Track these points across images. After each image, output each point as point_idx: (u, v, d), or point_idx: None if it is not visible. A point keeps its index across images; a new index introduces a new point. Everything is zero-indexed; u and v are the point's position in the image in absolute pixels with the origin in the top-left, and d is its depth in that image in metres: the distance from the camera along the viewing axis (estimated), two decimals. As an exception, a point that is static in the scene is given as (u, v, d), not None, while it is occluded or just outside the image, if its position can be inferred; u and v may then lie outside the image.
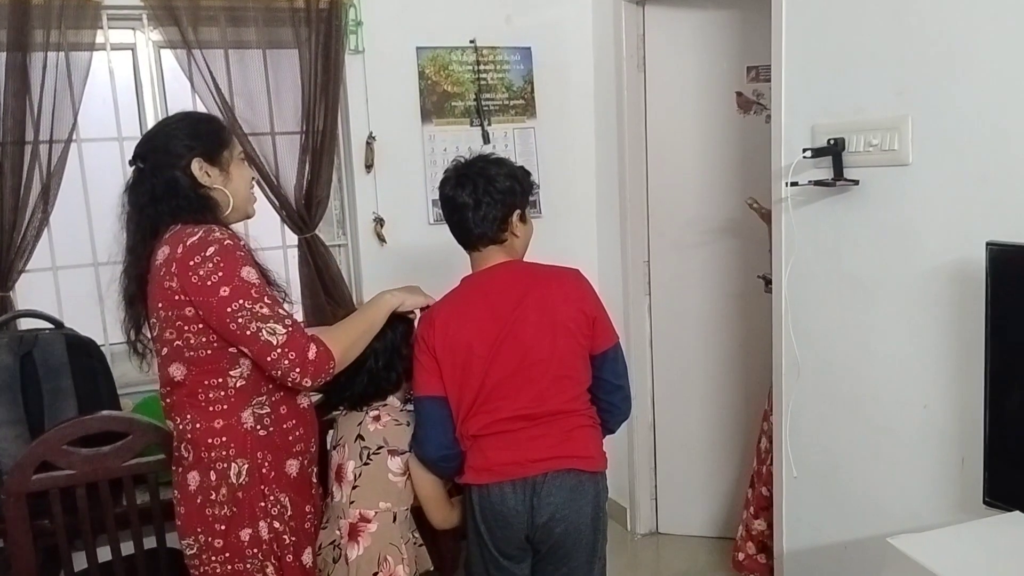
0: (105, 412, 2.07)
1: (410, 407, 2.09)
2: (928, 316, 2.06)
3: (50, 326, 2.41)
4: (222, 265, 1.65)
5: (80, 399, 2.29)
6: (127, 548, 2.13)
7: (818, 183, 2.24)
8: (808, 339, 2.41)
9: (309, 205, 2.99)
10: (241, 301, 1.65)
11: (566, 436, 1.94)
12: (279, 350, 1.67)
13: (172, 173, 1.74)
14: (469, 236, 1.99)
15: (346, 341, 1.81)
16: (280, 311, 1.71)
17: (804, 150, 2.23)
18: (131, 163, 1.81)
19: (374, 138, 3.09)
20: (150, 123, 2.90)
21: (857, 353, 2.27)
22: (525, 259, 2.10)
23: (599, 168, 3.51)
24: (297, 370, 1.69)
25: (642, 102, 3.30)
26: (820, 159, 2.26)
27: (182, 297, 1.67)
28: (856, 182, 2.19)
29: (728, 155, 3.25)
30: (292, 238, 3.09)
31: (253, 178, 1.93)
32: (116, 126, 2.84)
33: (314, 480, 1.95)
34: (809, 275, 2.39)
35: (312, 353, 1.70)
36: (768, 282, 2.81)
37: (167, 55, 2.89)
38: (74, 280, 2.85)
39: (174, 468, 1.82)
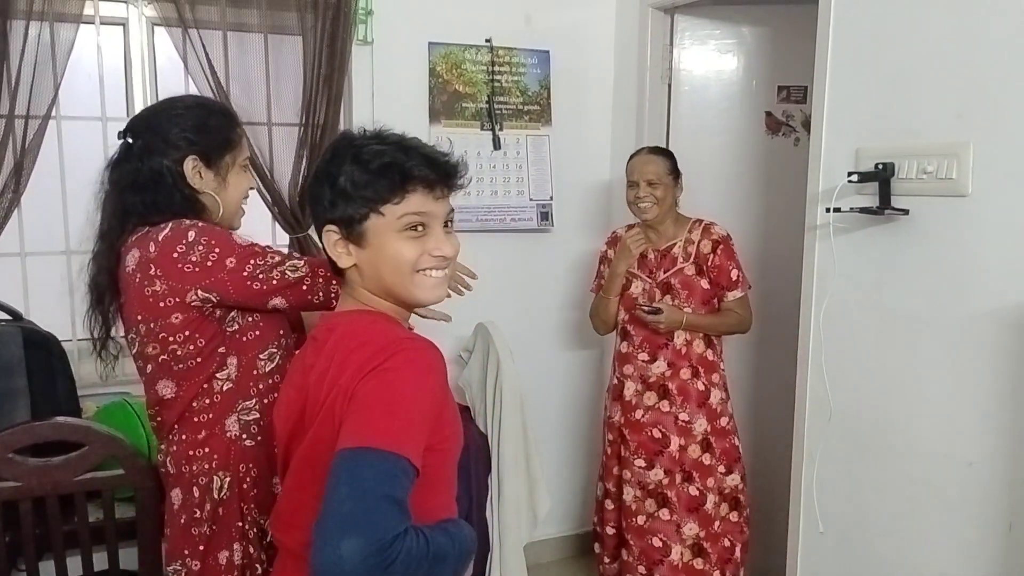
0: (59, 418, 1.86)
1: None
2: (979, 364, 1.88)
3: (7, 317, 2.19)
4: (213, 242, 1.55)
5: (35, 401, 2.08)
6: (75, 569, 1.92)
7: (863, 211, 2.05)
8: (839, 381, 2.21)
9: (304, 203, 2.80)
10: (252, 260, 1.57)
11: None
12: (310, 277, 1.60)
13: (161, 163, 1.59)
14: None
15: None
16: (284, 251, 1.65)
17: (849, 174, 2.04)
18: (120, 136, 1.64)
19: (378, 136, 2.90)
20: (138, 104, 2.71)
21: (895, 400, 2.08)
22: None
23: (614, 183, 3.32)
24: (334, 281, 1.58)
25: (665, 116, 3.12)
26: (863, 185, 2.08)
27: (169, 301, 1.54)
28: (906, 212, 2.00)
29: (753, 178, 3.09)
30: (283, 237, 2.89)
31: (252, 187, 1.76)
32: (101, 106, 2.64)
33: None
34: (844, 310, 2.19)
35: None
36: (648, 311, 2.57)
37: (161, 33, 2.69)
38: (44, 268, 2.63)
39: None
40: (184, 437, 1.62)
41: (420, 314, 1.94)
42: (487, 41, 3.06)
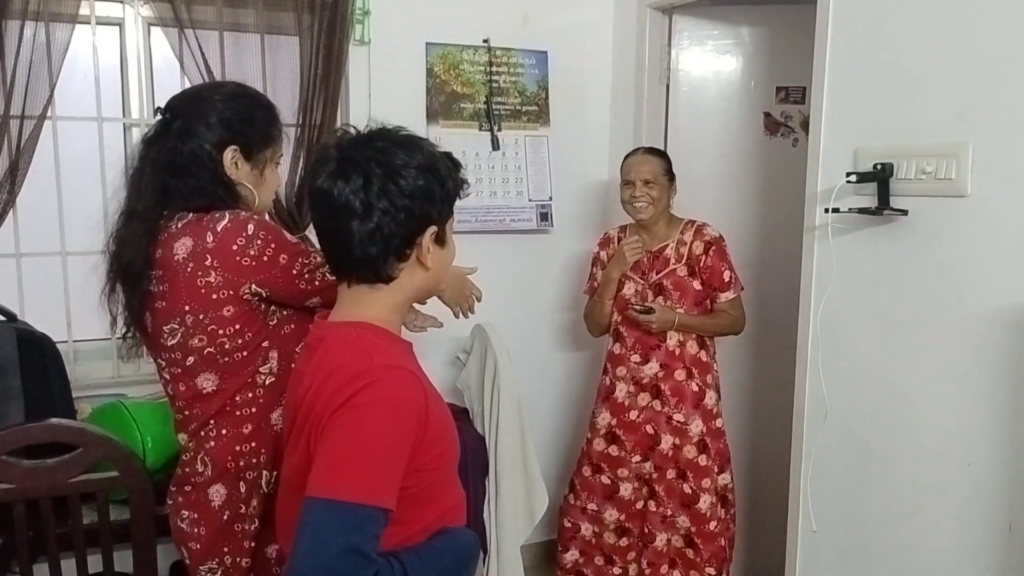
0: (54, 420, 1.85)
1: None
2: (977, 364, 1.87)
3: (1, 319, 2.18)
4: (270, 237, 1.56)
5: (28, 402, 2.07)
6: (69, 572, 1.90)
7: (861, 211, 2.05)
8: (837, 381, 2.20)
9: (301, 204, 2.78)
10: (300, 260, 1.60)
11: None
12: None
13: (201, 146, 1.56)
14: (344, 260, 1.25)
15: None
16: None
17: (848, 174, 2.04)
18: (159, 112, 1.61)
19: (375, 136, 2.88)
20: (134, 105, 2.71)
21: (893, 400, 2.07)
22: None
23: (612, 184, 3.31)
24: None
25: (663, 116, 3.11)
26: (861, 185, 2.08)
27: (223, 294, 1.53)
28: (904, 212, 1.99)
29: (752, 179, 3.07)
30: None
31: (280, 183, 1.81)
32: (97, 106, 2.62)
33: None
34: (842, 311, 2.18)
35: None
36: (641, 311, 2.58)
37: (157, 33, 2.68)
38: (39, 270, 2.62)
39: (173, 488, 1.66)
40: (225, 432, 1.60)
41: (416, 326, 1.94)
42: (485, 41, 3.04)
